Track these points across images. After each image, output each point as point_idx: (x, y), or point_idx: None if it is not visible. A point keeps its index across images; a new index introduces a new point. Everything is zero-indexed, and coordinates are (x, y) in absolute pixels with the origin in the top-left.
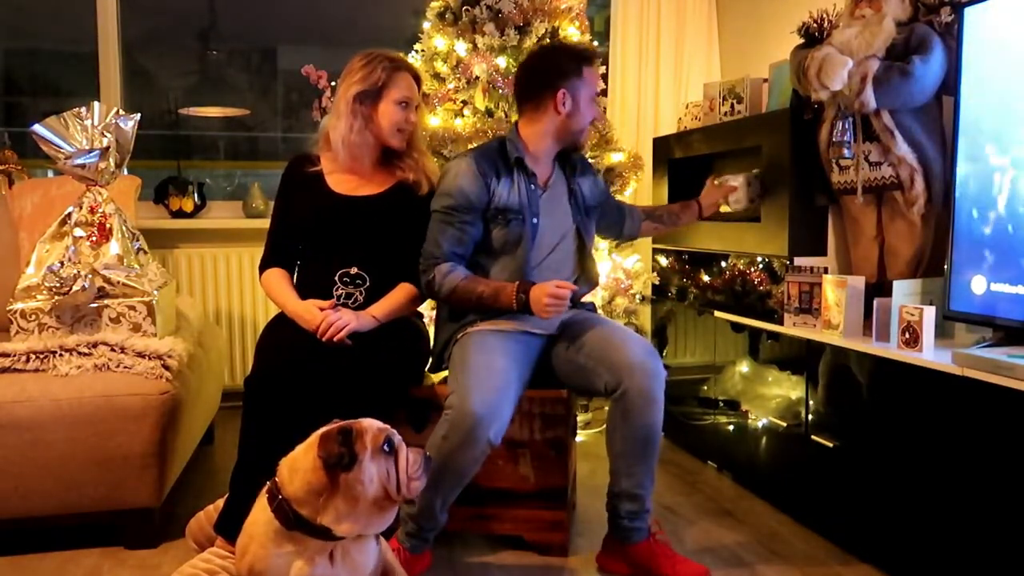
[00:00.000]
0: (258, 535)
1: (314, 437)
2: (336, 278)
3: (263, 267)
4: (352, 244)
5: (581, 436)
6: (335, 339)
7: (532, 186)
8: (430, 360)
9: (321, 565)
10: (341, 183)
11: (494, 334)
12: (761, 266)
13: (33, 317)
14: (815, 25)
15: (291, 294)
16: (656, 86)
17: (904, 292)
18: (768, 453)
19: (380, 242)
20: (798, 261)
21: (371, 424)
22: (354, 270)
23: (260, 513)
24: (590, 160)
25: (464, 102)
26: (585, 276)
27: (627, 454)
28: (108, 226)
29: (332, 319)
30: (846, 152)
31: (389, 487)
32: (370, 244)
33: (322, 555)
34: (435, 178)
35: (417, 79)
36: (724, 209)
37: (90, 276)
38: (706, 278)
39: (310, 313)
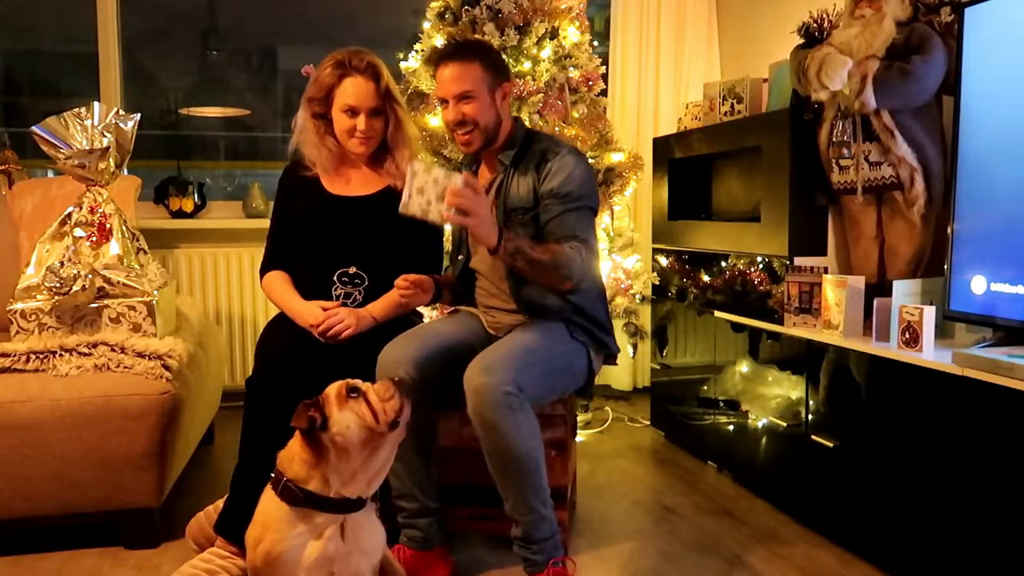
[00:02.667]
0: (271, 521)
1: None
2: (335, 278)
3: (263, 271)
4: (349, 243)
5: (581, 436)
6: (335, 339)
7: None
8: None
9: (334, 541)
10: (335, 183)
11: (458, 312)
12: (761, 266)
13: (33, 317)
14: (815, 25)
15: (293, 294)
16: (656, 86)
17: (904, 292)
18: (768, 453)
19: (376, 241)
20: (798, 261)
21: (332, 385)
22: (352, 270)
23: (268, 503)
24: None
25: None
26: (520, 283)
27: (493, 475)
28: (108, 226)
29: (332, 322)
30: (846, 152)
31: (367, 422)
32: (367, 243)
33: (334, 529)
34: None
35: (377, 81)
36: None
37: (90, 276)
38: (706, 278)
39: (310, 312)
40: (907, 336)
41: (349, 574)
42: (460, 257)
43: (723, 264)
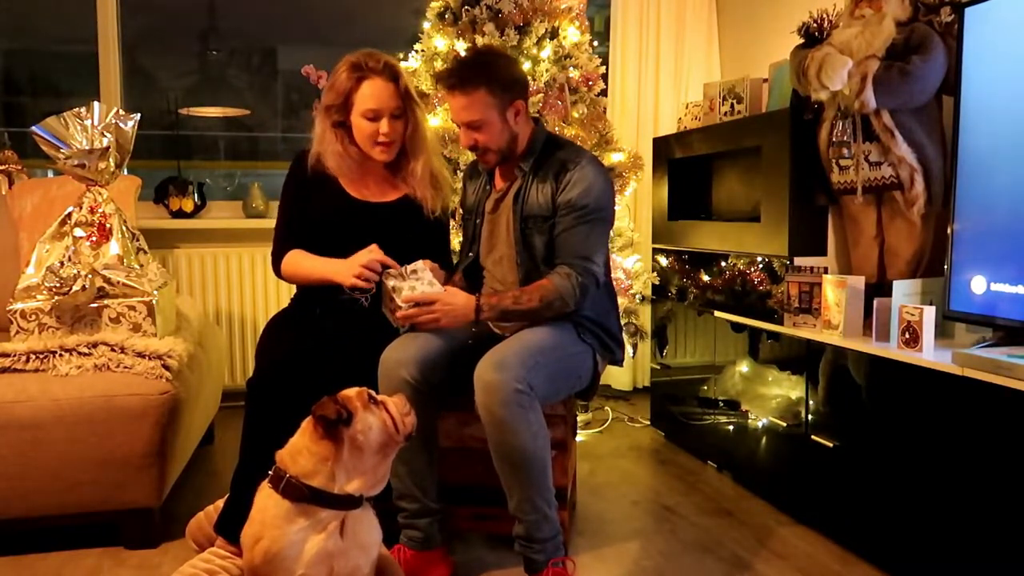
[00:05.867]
0: (269, 519)
1: (305, 422)
2: None
3: (279, 254)
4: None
5: (581, 436)
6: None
7: (488, 187)
8: None
9: (334, 537)
10: (355, 187)
11: None
12: (761, 266)
13: (33, 317)
14: (815, 25)
15: (320, 259)
16: (656, 86)
17: (904, 292)
18: (768, 453)
19: (392, 250)
20: (798, 261)
21: (350, 390)
22: None
23: (265, 501)
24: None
25: None
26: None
27: (499, 473)
28: (108, 226)
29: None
30: (846, 152)
31: (388, 428)
32: (384, 251)
33: (335, 524)
34: (445, 194)
35: (397, 81)
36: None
37: (90, 276)
38: (706, 278)
39: (348, 270)
40: (907, 336)
41: (348, 570)
42: (470, 254)
43: (723, 264)
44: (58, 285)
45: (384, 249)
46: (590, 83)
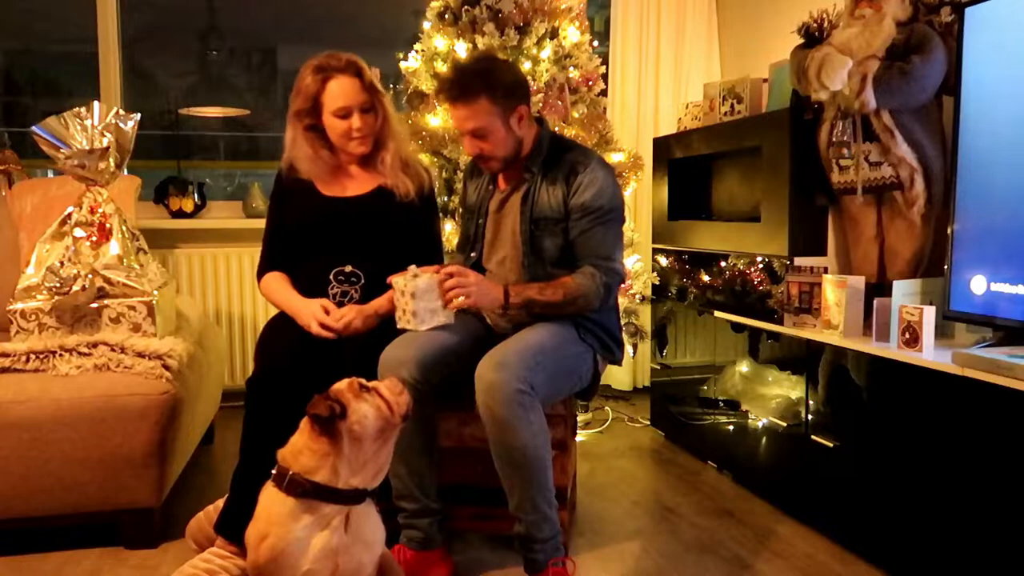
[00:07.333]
0: (275, 516)
1: (303, 421)
2: (331, 276)
3: (260, 273)
4: (344, 242)
5: (581, 436)
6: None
7: (491, 186)
8: None
9: (338, 533)
10: (329, 186)
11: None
12: (761, 266)
13: (33, 317)
14: (815, 25)
15: (291, 293)
16: (656, 86)
17: (904, 292)
18: (768, 453)
19: (371, 240)
20: (798, 261)
21: (340, 382)
22: (348, 268)
23: (270, 499)
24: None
25: None
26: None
27: (500, 472)
28: (108, 226)
29: (336, 328)
30: (846, 152)
31: (384, 413)
32: (362, 242)
33: (339, 520)
34: (420, 177)
35: (361, 76)
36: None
37: (90, 276)
38: (706, 278)
39: (309, 311)
40: (907, 336)
41: (352, 566)
42: (472, 254)
43: (723, 264)
44: (58, 285)
45: (359, 238)
46: (590, 83)
